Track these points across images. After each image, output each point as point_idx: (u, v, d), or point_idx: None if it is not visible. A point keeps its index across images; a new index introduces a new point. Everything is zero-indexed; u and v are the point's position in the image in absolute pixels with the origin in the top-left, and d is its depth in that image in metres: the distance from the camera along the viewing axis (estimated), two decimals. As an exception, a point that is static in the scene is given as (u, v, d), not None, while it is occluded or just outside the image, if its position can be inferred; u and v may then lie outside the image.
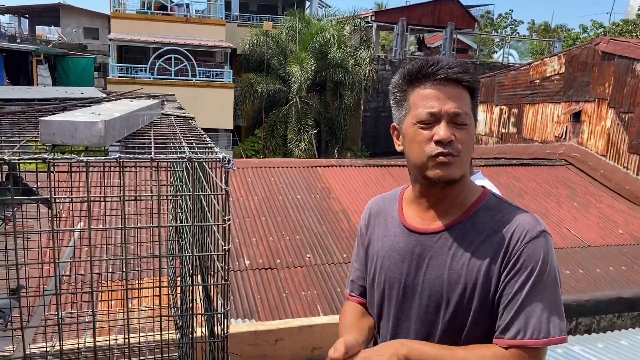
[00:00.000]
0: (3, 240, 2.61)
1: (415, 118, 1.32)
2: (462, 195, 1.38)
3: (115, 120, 1.11)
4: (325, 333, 4.31)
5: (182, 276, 2.59)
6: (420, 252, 1.38)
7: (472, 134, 1.33)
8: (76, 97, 2.42)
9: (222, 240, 1.09)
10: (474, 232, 1.33)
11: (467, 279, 1.31)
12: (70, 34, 32.05)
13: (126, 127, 1.22)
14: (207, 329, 1.40)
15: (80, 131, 1.03)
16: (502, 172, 10.60)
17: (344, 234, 8.29)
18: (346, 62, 20.92)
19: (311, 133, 19.62)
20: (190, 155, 1.02)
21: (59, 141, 1.03)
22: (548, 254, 1.28)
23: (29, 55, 16.27)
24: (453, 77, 1.30)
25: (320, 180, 9.76)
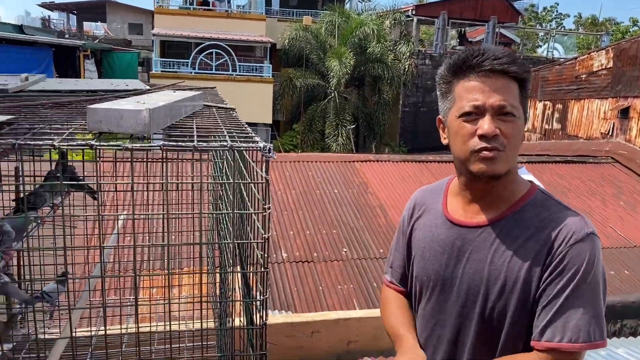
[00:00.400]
0: (52, 227, 2.72)
1: (459, 111, 1.29)
2: (508, 189, 1.35)
3: (160, 109, 1.14)
4: (362, 327, 4.32)
5: (222, 265, 2.63)
6: (461, 245, 1.37)
7: (519, 127, 1.28)
8: (121, 88, 2.48)
9: (262, 228, 1.10)
10: (518, 228, 1.30)
11: (508, 276, 1.28)
12: (116, 29, 32.93)
13: (169, 116, 1.25)
14: (245, 317, 1.42)
15: (125, 119, 1.06)
16: (545, 169, 10.33)
17: (381, 230, 8.26)
18: (385, 57, 20.74)
19: (349, 128, 19.57)
20: (232, 144, 1.03)
21: (105, 129, 1.07)
22: (594, 257, 1.24)
23: (76, 50, 16.80)
24: (499, 69, 1.26)
25: (357, 175, 9.74)
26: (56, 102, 1.66)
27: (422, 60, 21.66)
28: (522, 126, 1.30)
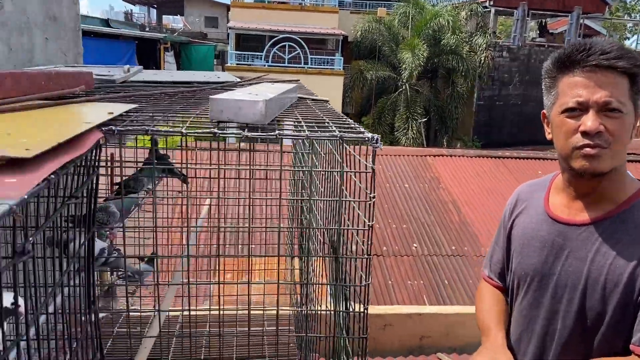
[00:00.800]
0: (147, 211, 2.88)
1: (561, 107, 1.27)
2: (613, 188, 1.30)
3: (272, 100, 1.19)
4: (435, 323, 4.28)
5: (304, 252, 2.70)
6: (561, 242, 1.35)
7: (626, 123, 1.22)
8: (214, 80, 2.58)
9: (365, 216, 1.13)
10: (623, 229, 1.26)
11: (608, 278, 1.25)
12: (193, 22, 34.09)
13: (278, 107, 1.30)
14: (339, 303, 1.47)
15: (243, 109, 1.11)
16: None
17: (453, 226, 8.11)
18: (460, 49, 20.24)
19: (420, 121, 19.29)
20: (341, 134, 1.06)
21: (226, 118, 1.13)
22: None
23: (157, 43, 17.56)
24: (605, 64, 1.21)
25: (429, 170, 9.60)
26: (164, 93, 1.76)
27: (499, 53, 20.95)
28: (630, 123, 1.24)
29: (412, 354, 4.22)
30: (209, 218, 3.12)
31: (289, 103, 1.60)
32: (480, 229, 7.95)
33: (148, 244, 2.94)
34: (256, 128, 1.11)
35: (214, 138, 1.03)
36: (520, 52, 20.84)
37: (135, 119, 1.14)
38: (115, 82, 2.21)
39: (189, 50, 19.51)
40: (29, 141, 0.85)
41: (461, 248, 7.62)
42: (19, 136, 0.88)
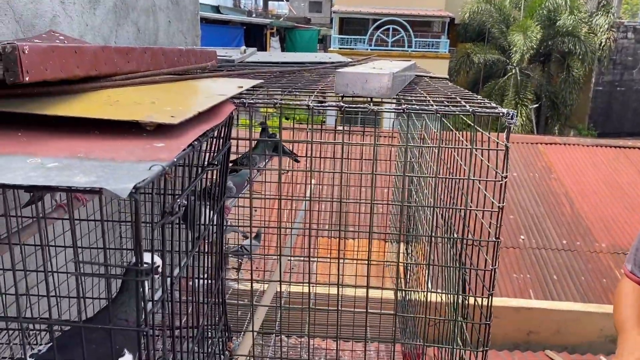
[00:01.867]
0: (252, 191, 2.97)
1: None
2: None
3: (397, 74, 1.16)
4: (544, 318, 4.06)
5: (411, 236, 2.66)
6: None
7: None
8: (326, 61, 2.58)
9: (494, 198, 1.07)
10: None
11: None
12: (297, 8, 34.62)
13: (401, 82, 1.27)
14: (458, 286, 1.42)
15: (370, 82, 1.10)
16: None
17: (564, 219, 7.62)
18: (578, 30, 18.77)
19: (530, 107, 18.24)
20: (474, 109, 1.01)
21: (351, 92, 1.12)
22: None
23: (264, 28, 18.06)
24: None
25: (540, 159, 9.07)
26: (282, 71, 1.79)
27: (624, 34, 19.19)
28: None
29: (518, 348, 4.03)
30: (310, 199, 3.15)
31: (409, 80, 1.55)
32: (595, 223, 7.39)
33: (256, 220, 3.04)
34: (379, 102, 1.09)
35: (340, 111, 1.02)
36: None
37: (262, 93, 1.16)
38: (234, 62, 2.28)
39: (293, 34, 19.87)
40: (172, 109, 0.88)
41: (573, 242, 7.14)
42: (163, 105, 0.92)
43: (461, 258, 1.37)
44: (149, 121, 0.80)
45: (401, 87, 1.31)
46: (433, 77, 1.78)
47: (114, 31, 2.54)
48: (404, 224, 2.77)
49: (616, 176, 8.43)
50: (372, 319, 2.91)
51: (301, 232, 3.29)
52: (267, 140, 2.56)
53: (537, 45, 18.43)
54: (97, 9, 2.30)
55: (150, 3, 2.90)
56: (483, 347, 1.21)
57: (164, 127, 0.82)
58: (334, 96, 1.15)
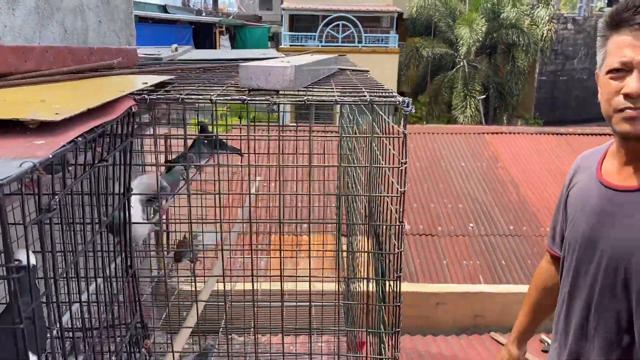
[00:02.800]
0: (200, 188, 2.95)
1: (607, 67, 1.23)
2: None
3: (303, 67, 1.18)
4: (490, 302, 4.19)
5: (350, 226, 2.69)
6: (610, 208, 1.31)
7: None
8: (259, 57, 2.59)
9: (397, 183, 1.11)
10: None
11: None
12: (248, 5, 34.35)
13: (311, 75, 1.29)
14: (377, 272, 1.46)
15: (273, 75, 1.11)
16: None
17: (511, 206, 7.87)
18: (521, 22, 19.39)
19: (478, 99, 18.73)
20: (371, 99, 1.04)
21: (255, 85, 1.13)
22: None
23: (213, 27, 17.86)
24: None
25: (487, 148, 9.32)
26: (205, 67, 1.78)
27: (564, 25, 19.94)
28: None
29: (465, 332, 4.16)
30: (249, 194, 3.15)
31: (327, 73, 1.58)
32: (540, 209, 7.67)
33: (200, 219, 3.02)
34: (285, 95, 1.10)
35: (241, 105, 1.03)
36: (587, 23, 19.75)
37: (170, 90, 1.16)
38: (161, 60, 2.26)
39: (243, 33, 19.74)
40: (61, 107, 0.88)
41: (519, 228, 7.39)
42: (53, 103, 0.91)
43: (380, 245, 1.40)
44: (31, 119, 0.80)
45: (312, 79, 1.33)
46: (355, 70, 1.82)
47: (38, 32, 2.47)
48: (340, 215, 2.81)
49: (558, 163, 8.77)
50: (317, 311, 2.94)
51: (246, 229, 3.29)
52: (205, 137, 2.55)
53: (482, 37, 18.94)
54: (16, 9, 2.23)
55: (78, 3, 2.83)
56: (394, 329, 1.24)
57: (48, 125, 0.81)
58: (241, 89, 1.16)
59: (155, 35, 16.13)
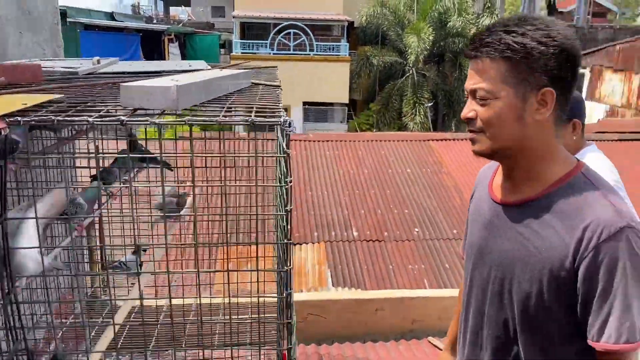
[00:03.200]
0: (124, 202, 2.89)
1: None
2: (535, 169, 1.28)
3: (190, 85, 1.18)
4: (427, 306, 4.27)
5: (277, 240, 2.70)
6: (497, 222, 1.36)
7: (496, 109, 1.23)
8: (184, 69, 2.58)
9: (282, 201, 1.12)
10: (550, 212, 1.25)
11: (534, 261, 1.25)
12: (199, 13, 34.04)
13: (204, 92, 1.30)
14: (278, 288, 1.47)
15: (155, 95, 1.11)
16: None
17: (455, 210, 8.07)
18: (467, 31, 19.98)
19: (427, 106, 19.15)
20: (253, 119, 1.05)
21: (137, 105, 1.13)
22: (631, 252, 1.15)
23: (161, 35, 17.59)
24: (472, 54, 1.24)
25: (432, 155, 9.54)
26: (113, 83, 1.76)
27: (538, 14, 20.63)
28: (504, 108, 1.23)
29: (403, 338, 4.22)
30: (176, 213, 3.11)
31: (231, 89, 1.59)
32: (482, 213, 7.89)
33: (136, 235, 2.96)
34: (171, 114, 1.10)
35: (121, 125, 1.03)
36: (529, 32, 20.49)
37: (55, 109, 1.14)
38: (77, 74, 2.21)
39: (193, 40, 19.53)
40: None
41: (462, 231, 7.57)
42: None
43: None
44: None
45: (207, 97, 1.33)
46: (267, 85, 1.84)
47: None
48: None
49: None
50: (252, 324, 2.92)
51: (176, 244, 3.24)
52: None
53: (430, 46, 19.40)
54: None
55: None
56: (280, 346, 1.25)
57: None
58: (123, 109, 1.15)
59: (102, 44, 15.77)
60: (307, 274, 6.78)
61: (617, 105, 13.78)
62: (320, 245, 7.33)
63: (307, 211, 7.91)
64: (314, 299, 4.17)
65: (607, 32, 21.08)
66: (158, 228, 3.17)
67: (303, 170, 8.87)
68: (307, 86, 20.25)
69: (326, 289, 6.42)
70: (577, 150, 2.27)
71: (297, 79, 20.02)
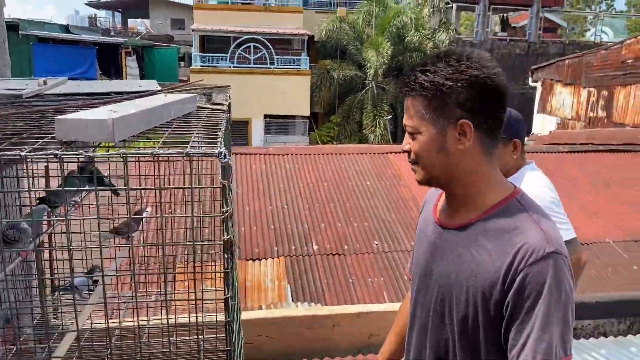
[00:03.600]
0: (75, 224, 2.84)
1: None
2: (471, 196, 1.35)
3: (128, 117, 1.19)
4: (384, 320, 4.32)
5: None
6: (440, 244, 1.41)
7: (422, 143, 1.31)
8: (134, 90, 2.56)
9: (223, 230, 1.14)
10: (485, 237, 1.30)
11: (470, 283, 1.30)
12: (158, 25, 33.69)
13: (144, 122, 1.30)
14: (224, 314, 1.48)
15: (90, 128, 1.12)
16: (589, 159, 10.00)
17: (413, 222, 8.19)
18: (424, 46, 20.45)
19: (386, 119, 19.44)
20: (188, 151, 1.07)
21: (73, 138, 1.13)
22: (555, 276, 1.21)
23: (119, 48, 17.31)
24: (399, 94, 1.35)
25: (391, 167, 9.67)
26: (58, 108, 1.74)
27: (463, 48, 21.22)
28: (427, 141, 1.31)
29: (361, 352, 4.26)
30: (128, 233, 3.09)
31: (174, 115, 1.60)
32: (438, 224, 8.04)
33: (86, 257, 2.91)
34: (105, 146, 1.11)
35: (55, 158, 1.03)
36: (483, 46, 21.13)
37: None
38: (20, 97, 2.18)
39: (152, 54, 19.30)
40: None
41: (420, 244, 7.70)
42: None
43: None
44: None
45: (146, 126, 1.34)
46: (214, 109, 1.85)
47: None
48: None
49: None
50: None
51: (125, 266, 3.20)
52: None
53: (389, 60, 19.75)
54: None
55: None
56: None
57: None
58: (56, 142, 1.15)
59: (57, 58, 15.42)
60: (266, 289, 6.75)
61: (568, 118, 14.32)
62: (280, 260, 7.31)
63: (267, 226, 7.89)
64: (270, 316, 4.17)
65: (557, 46, 21.95)
66: (111, 250, 3.13)
67: (263, 184, 8.85)
68: (268, 99, 20.29)
69: (286, 304, 6.41)
70: (517, 168, 2.37)
71: (258, 92, 20.03)
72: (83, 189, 2.32)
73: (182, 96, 1.75)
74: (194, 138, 1.25)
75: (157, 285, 3.33)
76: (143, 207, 2.83)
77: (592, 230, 7.68)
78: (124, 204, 1.56)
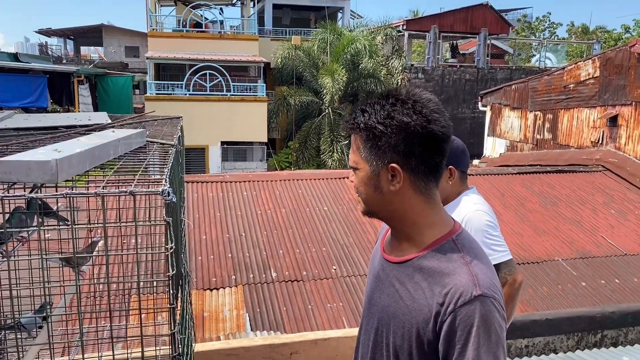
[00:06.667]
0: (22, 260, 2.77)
1: None
2: (409, 232, 1.39)
3: (72, 156, 1.21)
4: (341, 346, 4.34)
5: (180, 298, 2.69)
6: (382, 276, 1.46)
7: (361, 178, 1.37)
8: (83, 124, 2.55)
9: (168, 266, 1.16)
10: (421, 274, 1.33)
11: (405, 319, 1.34)
12: (112, 53, 33.31)
13: (89, 160, 1.32)
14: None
15: (33, 170, 1.12)
16: (536, 180, 10.39)
17: (370, 246, 8.28)
18: (378, 72, 20.94)
19: (343, 144, 19.69)
20: (132, 190, 1.10)
21: (15, 179, 1.14)
22: (483, 318, 1.24)
23: (70, 76, 16.98)
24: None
25: (347, 192, 9.78)
26: (2, 145, 1.73)
27: (415, 74, 21.84)
28: (364, 178, 1.36)
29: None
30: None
31: (122, 151, 1.62)
32: (396, 247, 8.15)
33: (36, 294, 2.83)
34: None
35: None
36: (434, 72, 21.82)
37: None
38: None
39: (105, 82, 19.00)
40: None
41: (378, 267, 7.77)
42: None
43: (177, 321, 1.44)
44: None
45: (92, 164, 1.35)
46: (162, 143, 1.88)
47: None
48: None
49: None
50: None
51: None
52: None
53: (344, 86, 20.11)
54: None
55: None
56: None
57: None
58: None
59: (5, 87, 15.00)
60: (224, 319, 6.66)
61: (516, 140, 14.88)
62: (238, 288, 7.24)
63: (224, 254, 7.82)
64: (226, 347, 4.12)
65: (505, 72, 22.88)
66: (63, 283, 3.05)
67: (220, 212, 8.80)
68: (225, 126, 20.24)
69: (244, 333, 6.33)
70: (457, 194, 2.47)
71: (215, 119, 19.97)
72: (28, 228, 2.29)
73: (131, 131, 1.77)
74: (138, 176, 1.27)
75: (110, 320, 3.25)
76: (95, 240, 2.79)
77: (542, 249, 7.96)
78: (75, 238, 1.56)
